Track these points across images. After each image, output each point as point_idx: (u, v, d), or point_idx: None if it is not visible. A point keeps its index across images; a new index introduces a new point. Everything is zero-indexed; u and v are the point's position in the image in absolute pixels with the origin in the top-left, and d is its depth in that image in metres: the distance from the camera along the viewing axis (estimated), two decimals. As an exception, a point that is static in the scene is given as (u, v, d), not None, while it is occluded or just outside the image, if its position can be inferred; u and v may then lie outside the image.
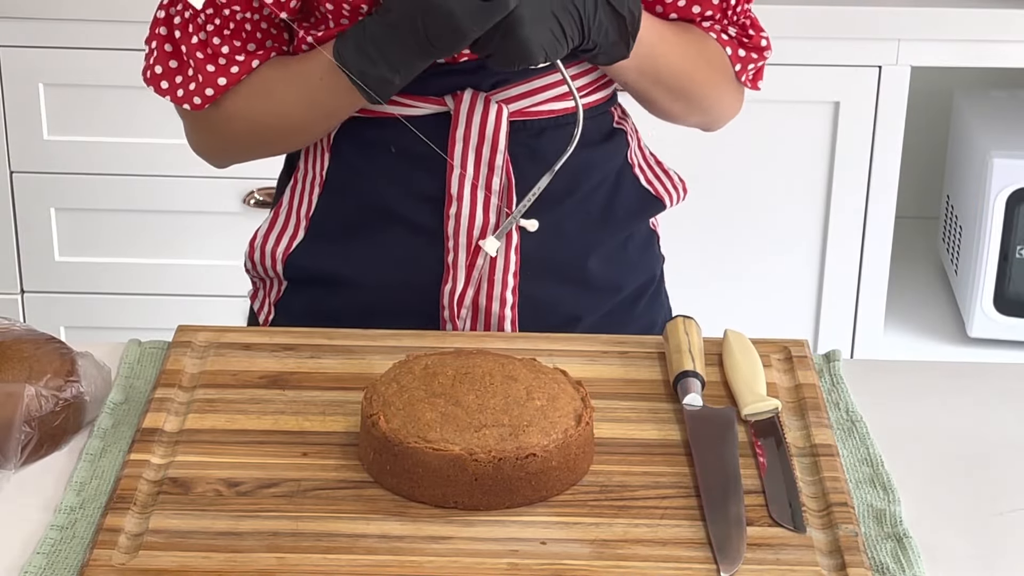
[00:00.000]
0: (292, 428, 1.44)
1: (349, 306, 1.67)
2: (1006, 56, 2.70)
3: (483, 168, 1.61)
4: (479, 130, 1.60)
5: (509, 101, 1.61)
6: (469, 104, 1.60)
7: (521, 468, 1.32)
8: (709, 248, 2.79)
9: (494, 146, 1.61)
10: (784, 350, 1.59)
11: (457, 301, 1.64)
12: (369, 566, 1.26)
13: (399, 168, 1.63)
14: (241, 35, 1.61)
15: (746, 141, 2.73)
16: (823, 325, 2.85)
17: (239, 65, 1.61)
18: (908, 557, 1.30)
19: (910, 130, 2.80)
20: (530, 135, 1.63)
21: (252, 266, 1.74)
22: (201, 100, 1.62)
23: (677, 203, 1.75)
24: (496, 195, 1.62)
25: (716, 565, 1.27)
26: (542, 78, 1.61)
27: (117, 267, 2.84)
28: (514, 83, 1.61)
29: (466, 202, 1.62)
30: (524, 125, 1.63)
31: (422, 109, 1.61)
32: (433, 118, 1.61)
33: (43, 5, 2.66)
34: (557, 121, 1.64)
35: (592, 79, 1.66)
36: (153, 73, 1.63)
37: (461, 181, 1.61)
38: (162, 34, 1.62)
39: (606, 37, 1.52)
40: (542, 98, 1.62)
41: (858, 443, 1.47)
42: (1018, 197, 2.70)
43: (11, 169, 2.77)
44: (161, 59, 1.62)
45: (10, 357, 1.47)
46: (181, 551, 1.27)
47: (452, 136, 1.61)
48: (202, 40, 1.61)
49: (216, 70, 1.61)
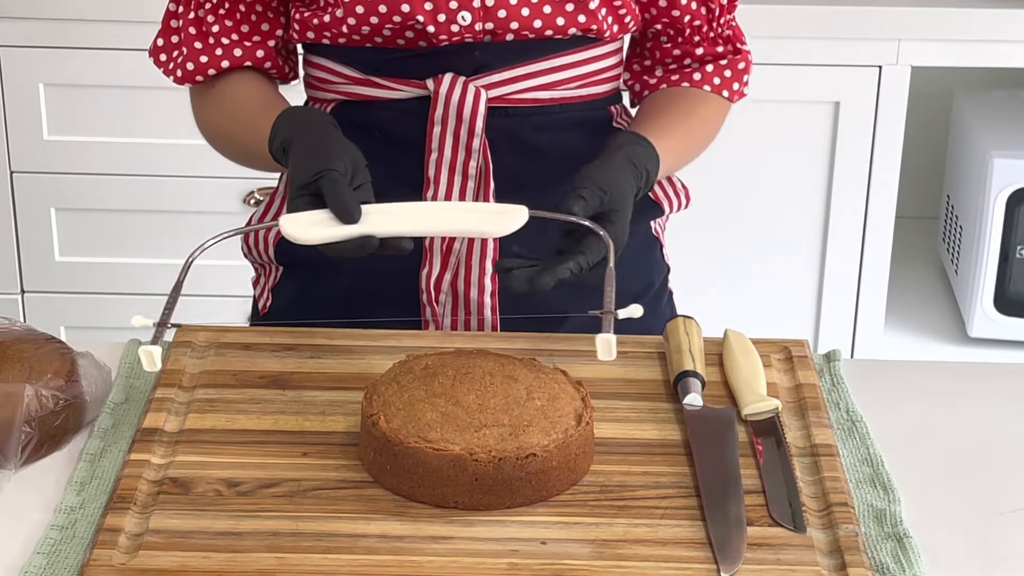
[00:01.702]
0: (292, 428, 1.44)
1: (333, 291, 1.69)
2: (1006, 56, 2.70)
3: (460, 152, 1.63)
4: (456, 113, 1.62)
5: (490, 87, 1.63)
6: (448, 87, 1.62)
7: (521, 468, 1.32)
8: (709, 248, 2.79)
9: (471, 130, 1.62)
10: (784, 350, 1.59)
11: (435, 285, 1.65)
12: (369, 566, 1.26)
13: (383, 152, 1.63)
14: (235, 15, 1.66)
15: (746, 141, 2.73)
16: (823, 325, 2.85)
17: (223, 48, 1.66)
18: (908, 557, 1.30)
19: (910, 130, 2.80)
20: (511, 121, 1.64)
21: (248, 250, 1.77)
22: (183, 74, 1.68)
23: (678, 210, 1.75)
24: (472, 179, 1.64)
25: (716, 565, 1.27)
26: (525, 66, 1.63)
27: (117, 267, 2.84)
28: (496, 69, 1.62)
29: (443, 185, 1.64)
30: (505, 111, 1.64)
31: (404, 92, 1.64)
32: (415, 101, 1.63)
33: (43, 5, 2.66)
34: (538, 110, 1.65)
35: (592, 70, 1.66)
36: (155, 46, 1.71)
37: (438, 164, 1.63)
38: (171, 9, 1.69)
39: None
40: (524, 86, 1.63)
41: (858, 443, 1.47)
42: (1018, 197, 2.70)
43: (11, 169, 2.77)
44: (164, 32, 1.70)
45: (10, 357, 1.47)
46: (181, 551, 1.27)
47: (431, 118, 1.63)
48: (199, 16, 1.67)
49: (202, 48, 1.66)
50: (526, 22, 1.59)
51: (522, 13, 1.58)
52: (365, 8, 1.58)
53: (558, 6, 1.59)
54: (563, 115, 1.66)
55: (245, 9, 1.66)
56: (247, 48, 1.67)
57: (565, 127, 1.66)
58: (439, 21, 1.58)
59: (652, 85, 1.73)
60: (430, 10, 1.58)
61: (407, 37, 1.60)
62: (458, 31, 1.59)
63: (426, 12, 1.58)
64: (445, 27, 1.58)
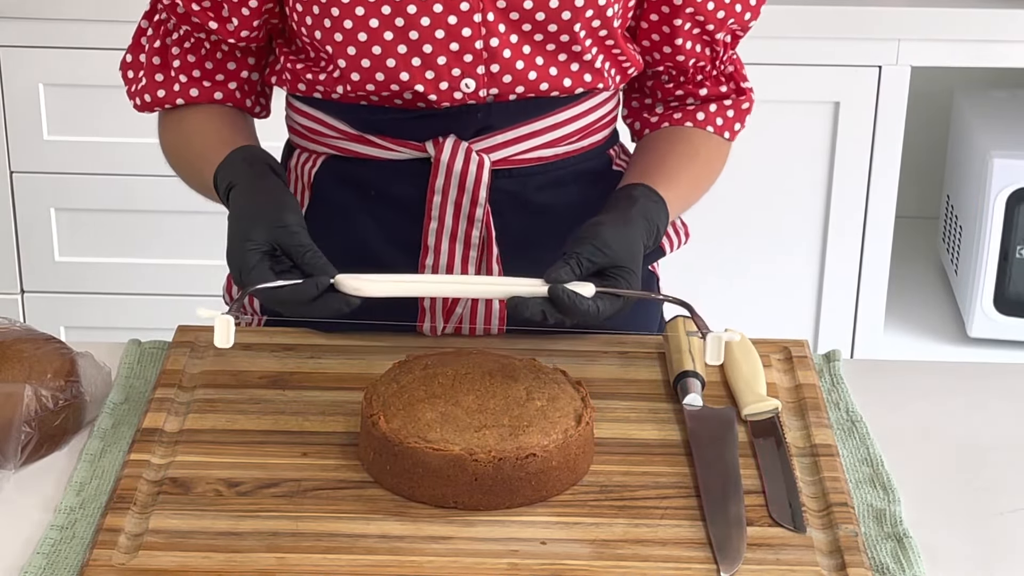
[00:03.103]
0: (292, 428, 1.44)
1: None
2: (1006, 56, 2.70)
3: (462, 221, 1.58)
4: (459, 181, 1.56)
5: (492, 150, 1.57)
6: (450, 154, 1.55)
7: (521, 468, 1.32)
8: (709, 248, 2.79)
9: (474, 199, 1.57)
10: (784, 350, 1.59)
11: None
12: (369, 566, 1.26)
13: (379, 211, 1.59)
14: (199, 51, 1.60)
15: (746, 141, 2.72)
16: (823, 325, 2.85)
17: (181, 85, 1.60)
18: (908, 557, 1.30)
19: (910, 130, 2.80)
20: (514, 182, 1.59)
21: (231, 299, 1.71)
22: (140, 103, 1.63)
23: (677, 248, 1.71)
24: (475, 248, 1.59)
25: (716, 565, 1.27)
26: (528, 124, 1.57)
27: (117, 267, 2.84)
28: (498, 130, 1.56)
29: (443, 254, 1.59)
30: (509, 172, 1.59)
31: (402, 154, 1.58)
32: (413, 163, 1.57)
33: (43, 5, 2.66)
34: (542, 168, 1.60)
35: (593, 119, 1.62)
36: (124, 60, 1.65)
37: (439, 233, 1.58)
38: (142, 27, 1.64)
39: None
40: (527, 146, 1.58)
41: (858, 443, 1.47)
42: (1018, 197, 2.70)
43: (11, 169, 2.77)
44: (133, 48, 1.64)
45: (10, 357, 1.47)
46: (181, 551, 1.27)
47: (431, 186, 1.56)
48: (165, 45, 1.61)
49: (162, 80, 1.61)
50: (532, 85, 1.54)
51: (528, 77, 1.53)
52: (361, 75, 1.51)
53: (563, 67, 1.54)
54: (566, 169, 1.61)
55: (211, 47, 1.59)
56: (205, 88, 1.60)
57: (568, 181, 1.61)
58: (441, 89, 1.52)
59: (653, 124, 1.67)
60: (431, 79, 1.51)
61: (405, 99, 1.54)
62: (461, 97, 1.53)
63: (427, 81, 1.51)
64: (447, 95, 1.52)
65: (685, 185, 1.60)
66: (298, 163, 1.65)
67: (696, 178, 1.63)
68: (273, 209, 1.43)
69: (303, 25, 1.52)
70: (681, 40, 1.60)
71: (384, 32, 1.49)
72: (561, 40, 1.53)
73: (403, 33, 1.49)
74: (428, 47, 1.50)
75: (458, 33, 1.50)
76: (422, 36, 1.50)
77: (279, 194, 1.47)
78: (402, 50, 1.50)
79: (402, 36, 1.50)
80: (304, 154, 1.64)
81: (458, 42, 1.50)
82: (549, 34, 1.52)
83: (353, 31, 1.50)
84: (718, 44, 1.62)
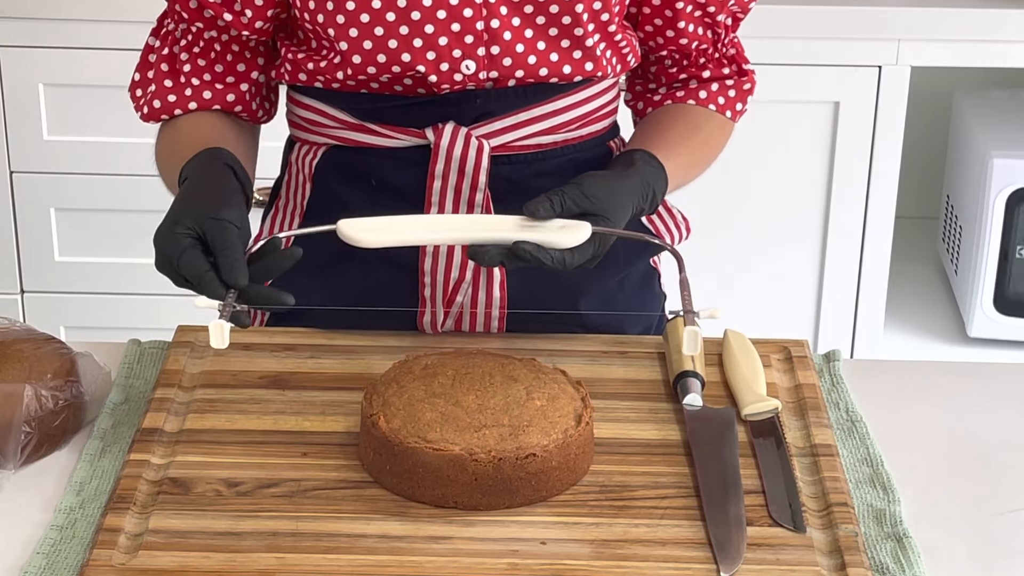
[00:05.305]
0: (292, 428, 1.44)
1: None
2: (1006, 56, 2.70)
3: (462, 206, 1.58)
4: (459, 167, 1.57)
5: (492, 135, 1.57)
6: (449, 139, 1.56)
7: (521, 468, 1.32)
8: (709, 248, 2.79)
9: (474, 184, 1.58)
10: (784, 350, 1.59)
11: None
12: (369, 566, 1.26)
13: (380, 200, 1.59)
14: (209, 54, 1.60)
15: (746, 141, 2.72)
16: (823, 325, 2.85)
17: (193, 89, 1.60)
18: (908, 557, 1.30)
19: (910, 130, 2.80)
20: (513, 168, 1.60)
21: None
22: (148, 111, 1.62)
23: (679, 242, 1.71)
24: None
25: (716, 565, 1.27)
26: (527, 111, 1.58)
27: (117, 267, 2.84)
28: (498, 116, 1.57)
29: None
30: (508, 159, 1.59)
31: (401, 141, 1.58)
32: (414, 150, 1.58)
33: (43, 5, 2.66)
34: (541, 155, 1.61)
35: (592, 108, 1.63)
36: (132, 81, 1.65)
37: None
38: (150, 44, 1.64)
39: None
40: (526, 132, 1.59)
41: (858, 443, 1.47)
42: (1018, 197, 2.70)
43: (11, 169, 2.77)
44: (141, 67, 1.64)
45: (10, 357, 1.47)
46: (181, 551, 1.27)
47: (431, 171, 1.57)
48: (173, 53, 1.61)
49: (172, 86, 1.61)
50: (532, 69, 1.55)
51: (528, 61, 1.54)
52: (363, 57, 1.52)
53: (564, 53, 1.55)
54: (564, 157, 1.62)
55: (221, 48, 1.60)
56: (217, 91, 1.60)
57: (567, 169, 1.60)
58: (442, 71, 1.53)
59: (656, 102, 1.69)
60: (432, 59, 1.52)
61: (405, 84, 1.55)
62: (461, 80, 1.54)
63: (428, 62, 1.52)
64: (448, 76, 1.53)
65: (684, 155, 1.61)
66: (299, 156, 1.65)
67: (696, 151, 1.64)
68: (214, 202, 1.41)
69: (306, 10, 1.53)
70: (683, 23, 1.62)
71: (386, 13, 1.51)
72: (563, 23, 1.54)
73: (405, 14, 1.51)
74: (430, 27, 1.51)
75: (459, 14, 1.51)
76: (424, 16, 1.51)
77: (228, 191, 1.45)
78: (404, 31, 1.51)
79: (404, 17, 1.51)
80: (304, 146, 1.65)
81: (459, 22, 1.51)
82: (551, 16, 1.53)
83: (355, 12, 1.51)
84: (720, 26, 1.64)
